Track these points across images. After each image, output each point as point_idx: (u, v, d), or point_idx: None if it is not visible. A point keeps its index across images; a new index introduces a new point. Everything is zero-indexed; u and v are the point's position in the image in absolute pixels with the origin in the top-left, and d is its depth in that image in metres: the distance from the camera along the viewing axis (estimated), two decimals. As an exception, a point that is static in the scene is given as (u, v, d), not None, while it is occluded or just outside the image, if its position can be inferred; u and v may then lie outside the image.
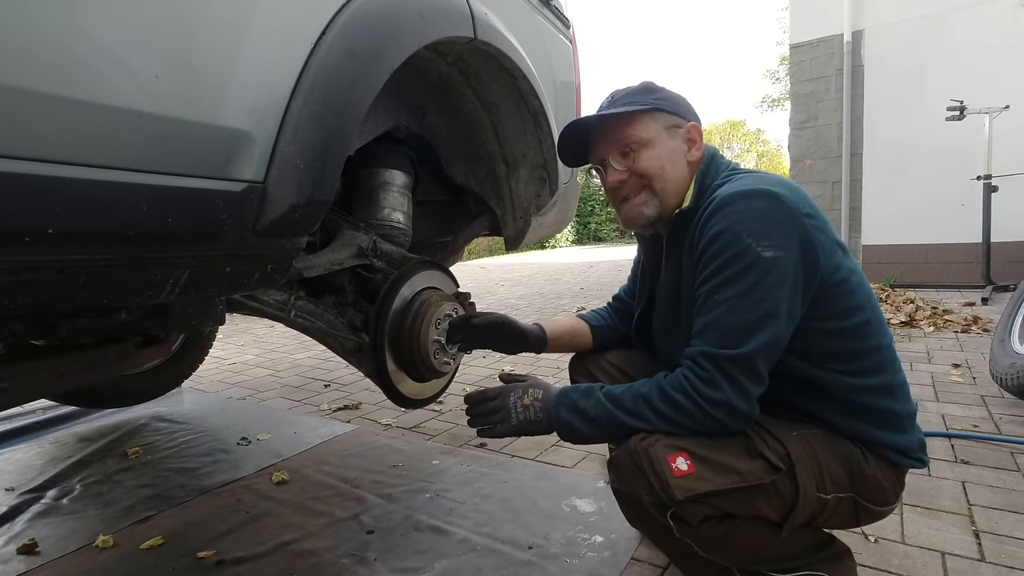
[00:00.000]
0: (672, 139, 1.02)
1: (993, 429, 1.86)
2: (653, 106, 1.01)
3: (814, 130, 5.51)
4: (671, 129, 1.02)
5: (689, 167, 1.03)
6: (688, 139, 1.03)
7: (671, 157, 1.01)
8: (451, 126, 1.66)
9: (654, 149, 1.01)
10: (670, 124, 1.02)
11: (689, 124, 1.03)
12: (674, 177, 1.01)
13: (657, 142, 1.01)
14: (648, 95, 1.02)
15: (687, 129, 1.02)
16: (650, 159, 1.00)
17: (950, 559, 1.19)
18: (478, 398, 1.04)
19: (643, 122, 1.01)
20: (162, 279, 0.79)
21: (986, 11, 4.62)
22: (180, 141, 0.74)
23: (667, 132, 1.02)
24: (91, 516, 1.55)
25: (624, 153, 1.02)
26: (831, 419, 0.93)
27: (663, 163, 1.01)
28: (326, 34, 0.92)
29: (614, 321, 1.32)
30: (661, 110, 1.01)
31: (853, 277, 0.93)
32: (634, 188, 1.03)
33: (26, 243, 0.61)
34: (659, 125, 1.01)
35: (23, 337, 1.08)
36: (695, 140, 1.02)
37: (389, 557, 1.31)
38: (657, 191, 1.01)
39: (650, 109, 1.00)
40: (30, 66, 0.59)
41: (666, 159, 1.01)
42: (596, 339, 1.31)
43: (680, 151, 1.02)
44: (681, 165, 1.02)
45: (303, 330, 1.36)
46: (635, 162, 1.01)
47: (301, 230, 0.94)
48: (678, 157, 1.02)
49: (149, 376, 2.24)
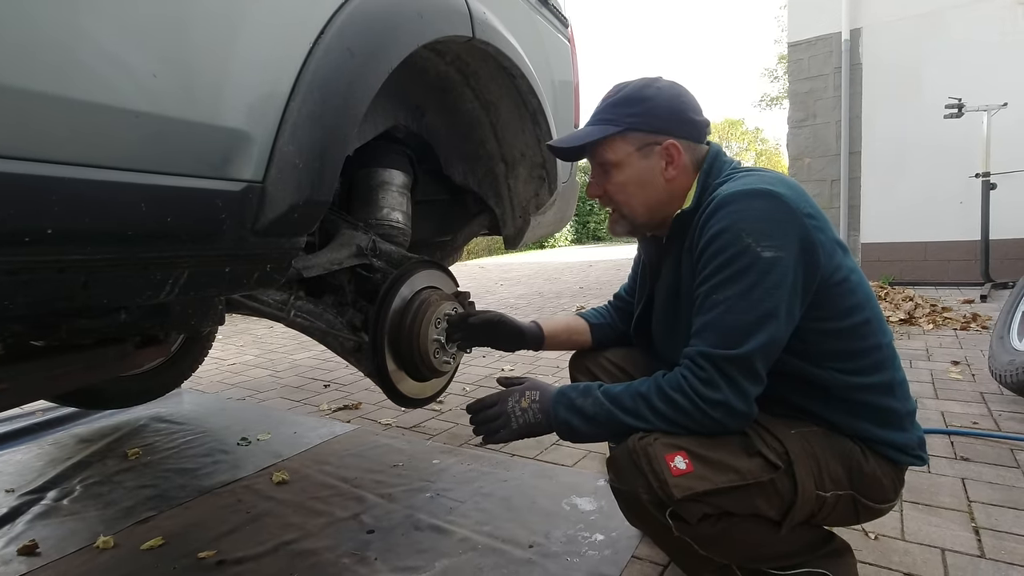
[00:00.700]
0: (645, 159, 1.00)
1: (992, 426, 1.86)
2: (626, 126, 0.99)
3: (812, 128, 5.51)
4: (645, 148, 1.00)
5: (669, 183, 1.01)
6: (666, 157, 1.00)
7: (640, 179, 1.01)
8: (450, 125, 1.66)
9: (622, 173, 1.01)
10: (645, 143, 0.99)
11: (668, 141, 0.99)
12: (642, 199, 1.02)
13: (626, 165, 1.00)
14: (625, 109, 1.00)
15: (665, 147, 0.99)
16: (616, 184, 1.02)
17: (950, 555, 1.19)
18: (477, 407, 1.04)
19: (613, 144, 1.01)
20: (161, 279, 0.79)
21: (984, 9, 4.63)
22: (178, 141, 0.74)
23: (640, 153, 1.00)
24: (91, 517, 1.55)
25: (603, 169, 1.04)
26: (830, 417, 0.93)
27: (629, 187, 1.01)
28: (324, 33, 0.92)
29: (614, 319, 1.32)
30: (635, 129, 0.99)
31: (853, 276, 0.93)
32: (608, 203, 1.06)
33: (25, 243, 0.61)
34: (630, 147, 1.00)
35: (22, 338, 1.08)
36: (673, 157, 0.99)
37: (390, 556, 1.31)
38: (624, 214, 1.05)
39: (621, 130, 0.99)
40: (28, 66, 0.59)
41: (634, 182, 1.01)
42: (595, 337, 1.31)
43: (655, 169, 1.00)
44: (655, 185, 1.01)
45: (303, 330, 1.37)
46: (608, 182, 1.03)
47: (300, 230, 0.94)
48: (651, 178, 1.00)
49: (149, 377, 2.24)
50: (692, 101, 1.02)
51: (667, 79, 1.03)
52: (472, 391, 2.60)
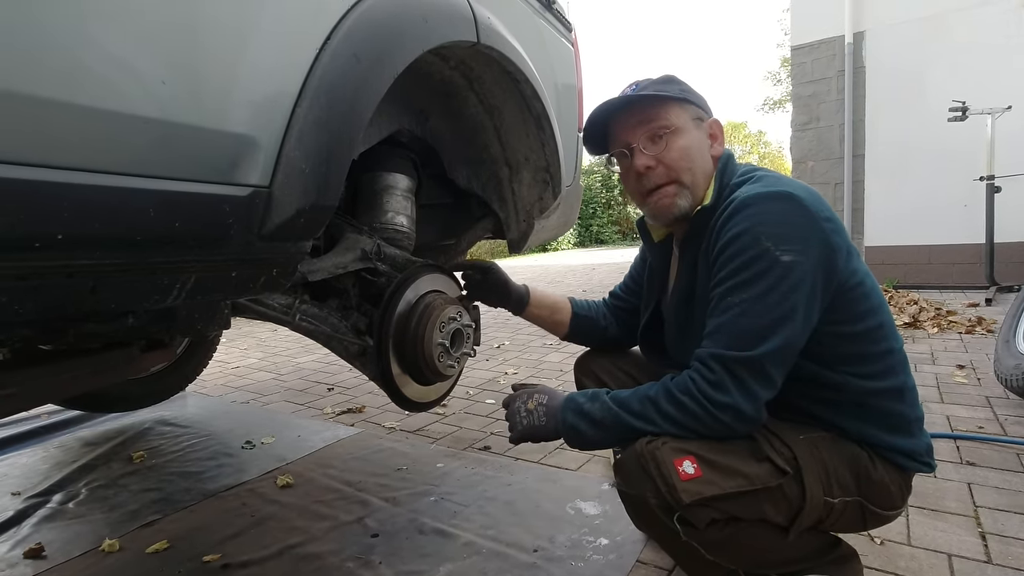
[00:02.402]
0: (698, 130, 1.01)
1: (998, 430, 1.85)
2: (683, 96, 0.99)
3: (816, 132, 5.50)
4: (697, 120, 1.01)
5: (712, 161, 1.02)
6: (711, 134, 1.02)
7: (699, 148, 1.00)
8: (454, 130, 1.67)
9: (684, 138, 0.98)
10: (696, 116, 1.01)
11: (711, 119, 1.02)
12: (702, 169, 1.00)
13: (687, 131, 0.99)
14: (673, 86, 1.01)
15: (709, 124, 1.02)
16: (681, 149, 0.97)
17: (956, 561, 1.19)
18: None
19: (674, 109, 0.99)
20: (169, 283, 0.79)
21: (987, 12, 4.62)
22: (186, 146, 0.74)
23: (694, 123, 1.01)
24: (97, 520, 1.55)
25: (654, 138, 0.98)
26: (840, 423, 0.93)
27: (693, 152, 0.99)
28: (331, 39, 0.92)
29: (603, 316, 1.32)
30: (689, 101, 1.00)
31: (867, 281, 0.93)
32: (661, 177, 0.98)
33: (36, 248, 0.62)
34: (688, 115, 1.00)
35: (31, 342, 1.08)
36: (716, 135, 1.02)
37: (394, 560, 1.31)
38: (687, 183, 0.98)
39: (679, 98, 0.99)
40: (38, 73, 0.60)
41: (695, 149, 0.99)
42: (571, 326, 1.31)
43: (705, 144, 1.01)
44: (707, 158, 1.01)
45: (307, 334, 1.37)
46: (666, 149, 0.97)
47: (306, 234, 0.94)
48: (704, 150, 1.01)
49: (153, 380, 2.25)
50: None
51: None
52: (475, 394, 2.60)
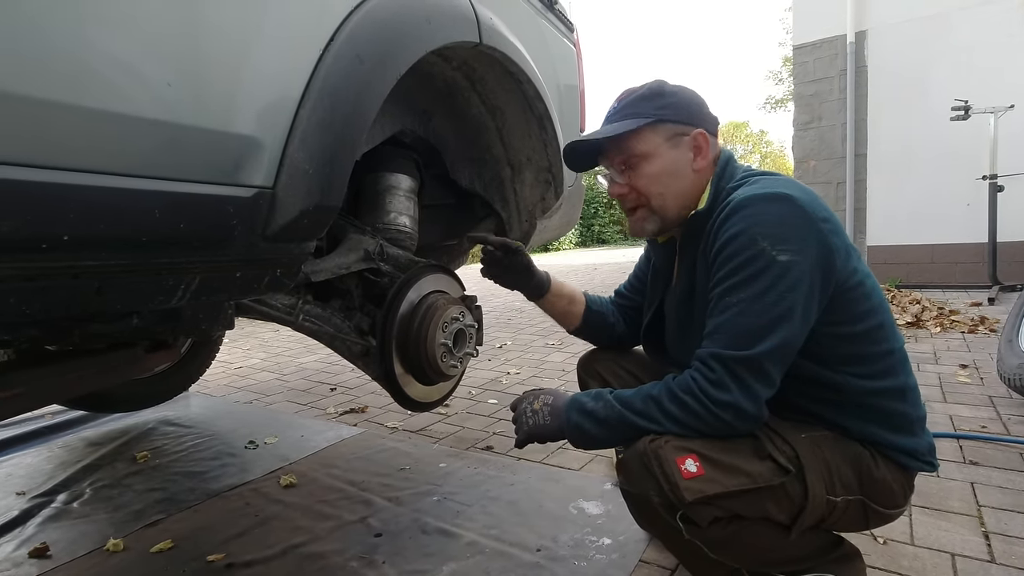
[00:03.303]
0: (675, 149, 1.00)
1: (1001, 430, 1.85)
2: (656, 117, 0.99)
3: (818, 131, 5.50)
4: (675, 138, 1.00)
5: (696, 175, 1.01)
6: (695, 147, 1.00)
7: (672, 170, 1.00)
8: (457, 130, 1.67)
9: (653, 164, 1.00)
10: (674, 133, 1.00)
11: (696, 131, 1.00)
12: (675, 190, 1.01)
13: (657, 155, 1.00)
14: (653, 102, 1.00)
15: (693, 137, 1.00)
16: (647, 176, 1.00)
17: (960, 560, 1.19)
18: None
19: (643, 135, 1.00)
20: (174, 284, 0.79)
21: (990, 11, 4.61)
22: (191, 148, 0.75)
23: (670, 143, 1.00)
24: (101, 520, 1.56)
25: (625, 167, 1.02)
26: (842, 422, 0.93)
27: (662, 178, 1.00)
28: (334, 41, 0.93)
29: (611, 313, 1.32)
30: (664, 120, 0.99)
31: (867, 281, 0.93)
32: (632, 202, 1.04)
33: (42, 250, 0.62)
34: (660, 137, 1.00)
35: (37, 342, 1.09)
36: (702, 147, 1.00)
37: (397, 560, 1.31)
38: (655, 208, 1.02)
39: (652, 121, 0.99)
40: (45, 76, 0.60)
41: (666, 173, 1.00)
42: (584, 319, 1.31)
43: (684, 160, 1.00)
44: (685, 176, 1.01)
45: (311, 334, 1.37)
46: (634, 177, 1.02)
47: (310, 235, 0.94)
48: (681, 168, 1.00)
49: (157, 380, 2.25)
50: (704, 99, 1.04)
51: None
52: (478, 394, 2.61)
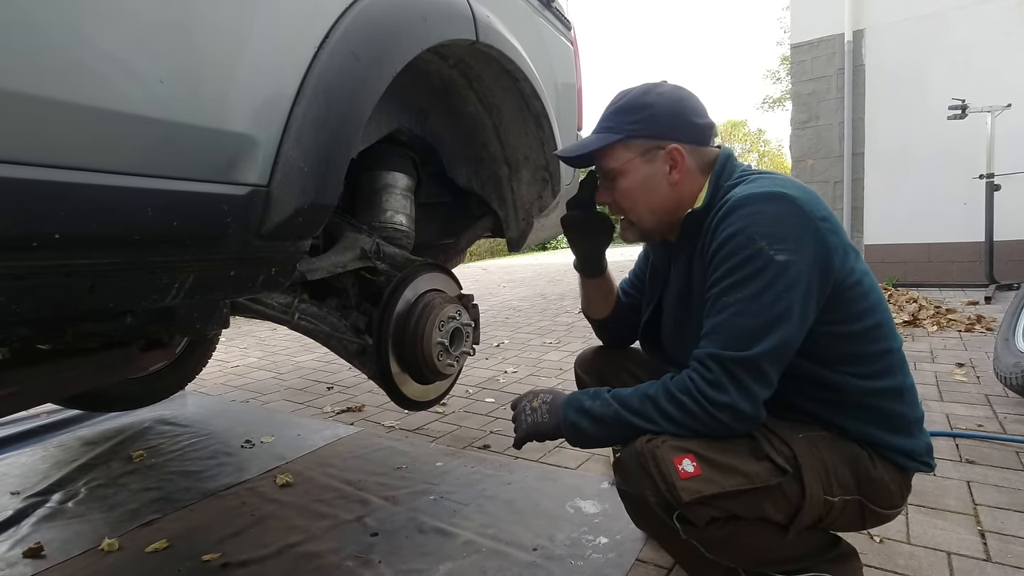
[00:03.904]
0: (649, 164, 1.00)
1: (998, 428, 1.85)
2: (627, 133, 0.99)
3: (815, 130, 5.50)
4: (649, 153, 1.00)
5: (674, 188, 1.00)
6: (670, 161, 0.99)
7: (645, 185, 1.01)
8: (453, 128, 1.66)
9: (626, 180, 1.02)
10: (647, 148, 0.99)
11: (672, 146, 0.98)
12: (650, 205, 1.03)
13: (629, 172, 1.01)
14: (626, 117, 1.00)
15: (668, 152, 0.99)
16: (621, 191, 1.03)
17: (956, 559, 1.19)
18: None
19: (614, 152, 1.01)
20: (167, 283, 0.79)
21: (987, 10, 4.62)
22: (185, 146, 0.74)
23: (643, 158, 1.00)
24: (96, 519, 1.55)
25: (607, 178, 1.06)
26: (839, 422, 0.93)
27: (635, 193, 1.02)
28: (329, 38, 0.92)
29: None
30: (636, 136, 0.99)
31: (865, 280, 0.93)
32: (616, 211, 1.08)
33: (33, 248, 0.62)
34: (632, 153, 1.00)
35: (30, 342, 1.08)
36: (677, 162, 0.99)
37: (393, 559, 1.31)
38: (633, 220, 1.06)
39: (622, 138, 1.00)
40: (36, 72, 0.60)
41: (639, 188, 1.01)
42: (615, 310, 1.30)
43: (660, 174, 1.00)
44: (659, 190, 1.01)
45: (307, 333, 1.37)
46: (613, 189, 1.05)
47: (305, 233, 0.94)
48: (656, 182, 1.00)
49: (153, 379, 2.24)
50: (696, 104, 1.01)
51: (671, 84, 1.03)
52: (475, 393, 2.60)
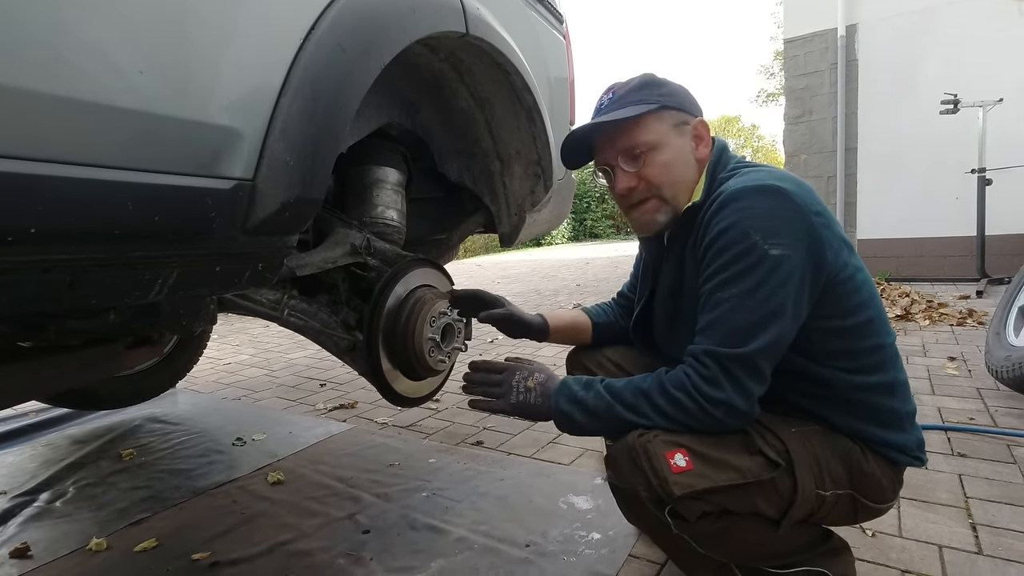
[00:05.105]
0: (680, 137, 0.98)
1: (989, 422, 1.86)
2: (659, 104, 0.96)
3: (809, 125, 5.51)
4: (679, 127, 0.98)
5: (698, 164, 0.99)
6: (696, 136, 0.98)
7: (680, 158, 0.97)
8: (444, 122, 1.65)
9: (663, 153, 0.96)
10: (678, 121, 0.98)
11: (696, 120, 0.98)
12: (685, 179, 0.98)
13: (666, 144, 0.97)
14: (653, 91, 0.98)
15: (694, 126, 0.98)
16: (659, 165, 0.96)
17: (947, 552, 1.19)
18: (484, 366, 1.03)
19: (650, 124, 0.96)
20: (150, 279, 0.77)
21: (979, 5, 4.62)
22: (166, 138, 0.73)
23: (675, 131, 0.98)
24: (84, 519, 1.54)
25: (632, 157, 0.97)
26: (831, 417, 0.93)
27: (673, 167, 0.97)
28: (315, 29, 0.90)
29: (616, 317, 1.31)
30: (668, 107, 0.97)
31: (859, 275, 0.92)
32: (643, 194, 0.98)
33: (8, 243, 0.60)
34: (666, 125, 0.97)
35: (9, 339, 1.06)
36: (703, 136, 0.99)
37: (385, 557, 1.30)
38: (668, 198, 0.98)
39: (656, 108, 0.96)
40: (10, 62, 0.58)
41: (676, 162, 0.97)
42: (594, 336, 1.30)
43: (688, 149, 0.98)
44: (690, 164, 0.99)
45: (297, 329, 1.35)
46: (644, 167, 0.96)
47: (292, 228, 0.93)
48: (687, 156, 0.98)
49: (143, 377, 2.22)
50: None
51: None
52: (469, 389, 2.59)
